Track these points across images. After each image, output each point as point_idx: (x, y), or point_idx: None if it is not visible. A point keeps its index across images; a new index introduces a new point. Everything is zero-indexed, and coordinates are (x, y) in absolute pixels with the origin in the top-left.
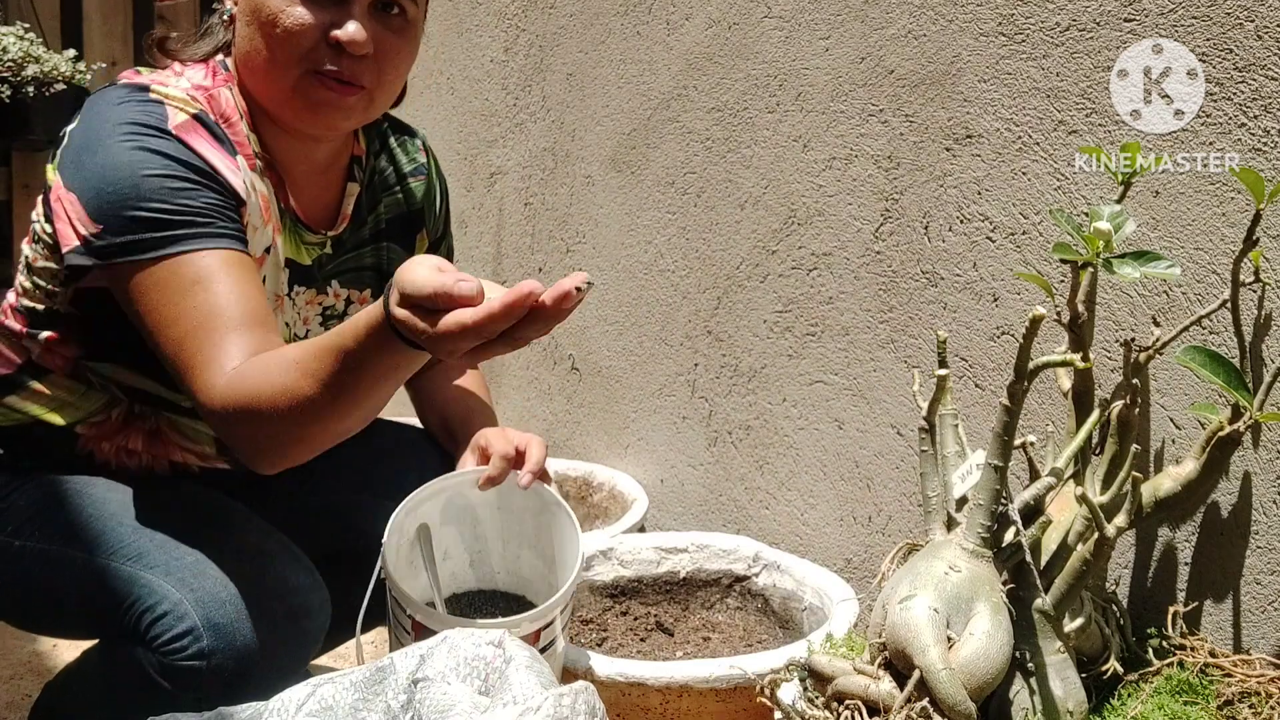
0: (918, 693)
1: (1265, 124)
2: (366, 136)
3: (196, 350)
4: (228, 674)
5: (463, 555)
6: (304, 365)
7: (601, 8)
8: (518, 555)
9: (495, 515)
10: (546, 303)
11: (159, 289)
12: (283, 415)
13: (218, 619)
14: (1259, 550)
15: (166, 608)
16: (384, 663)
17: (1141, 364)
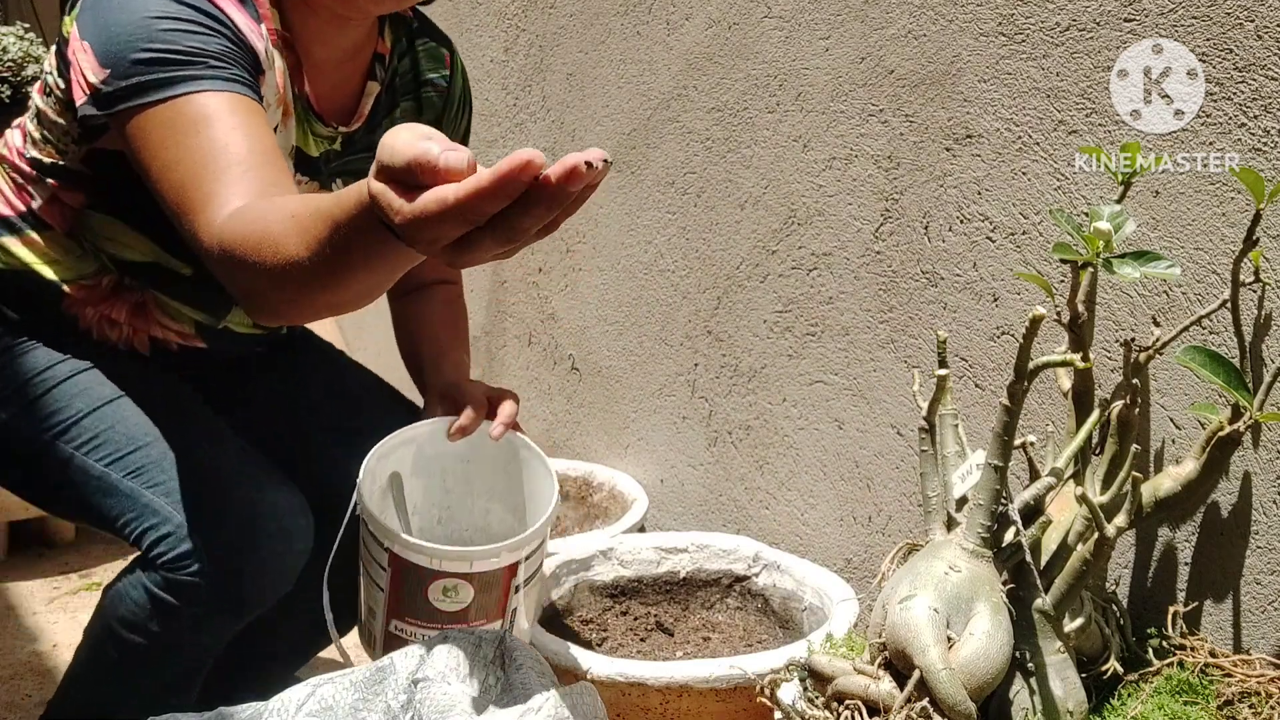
0: (918, 693)
1: (1265, 124)
2: (394, 34)
3: (197, 189)
4: (224, 591)
5: (430, 511)
6: (299, 222)
7: (601, 8)
8: (487, 510)
9: (464, 468)
10: (551, 178)
11: (162, 130)
12: (270, 270)
13: (215, 541)
14: (1259, 550)
15: (169, 529)
16: (384, 663)
17: (1141, 364)
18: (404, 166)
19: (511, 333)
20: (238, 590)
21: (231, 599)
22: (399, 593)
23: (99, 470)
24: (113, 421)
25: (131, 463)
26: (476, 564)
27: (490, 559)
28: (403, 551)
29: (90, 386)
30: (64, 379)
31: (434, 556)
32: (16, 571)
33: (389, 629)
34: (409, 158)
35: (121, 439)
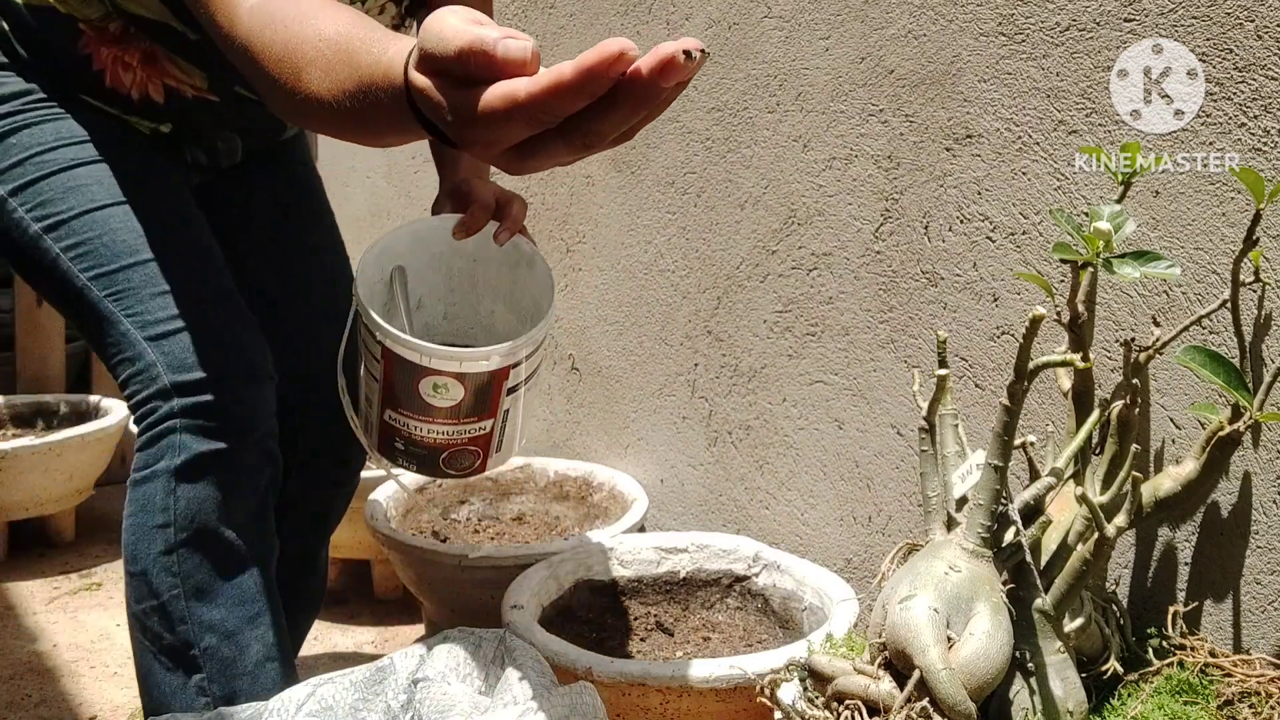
0: (918, 693)
1: (1265, 124)
2: None
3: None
4: (197, 430)
5: (436, 306)
6: (326, 58)
7: (601, 8)
8: (491, 310)
9: (470, 267)
10: (642, 71)
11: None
12: (290, 92)
13: (185, 381)
14: (1259, 550)
15: (140, 367)
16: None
17: (1141, 364)
18: (454, 56)
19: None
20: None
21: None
22: (391, 385)
23: (81, 282)
24: (102, 230)
25: (114, 282)
26: (466, 365)
27: (480, 361)
28: (394, 346)
29: (87, 184)
30: (63, 167)
31: (424, 354)
32: (16, 571)
33: (384, 418)
34: (460, 45)
35: (107, 252)
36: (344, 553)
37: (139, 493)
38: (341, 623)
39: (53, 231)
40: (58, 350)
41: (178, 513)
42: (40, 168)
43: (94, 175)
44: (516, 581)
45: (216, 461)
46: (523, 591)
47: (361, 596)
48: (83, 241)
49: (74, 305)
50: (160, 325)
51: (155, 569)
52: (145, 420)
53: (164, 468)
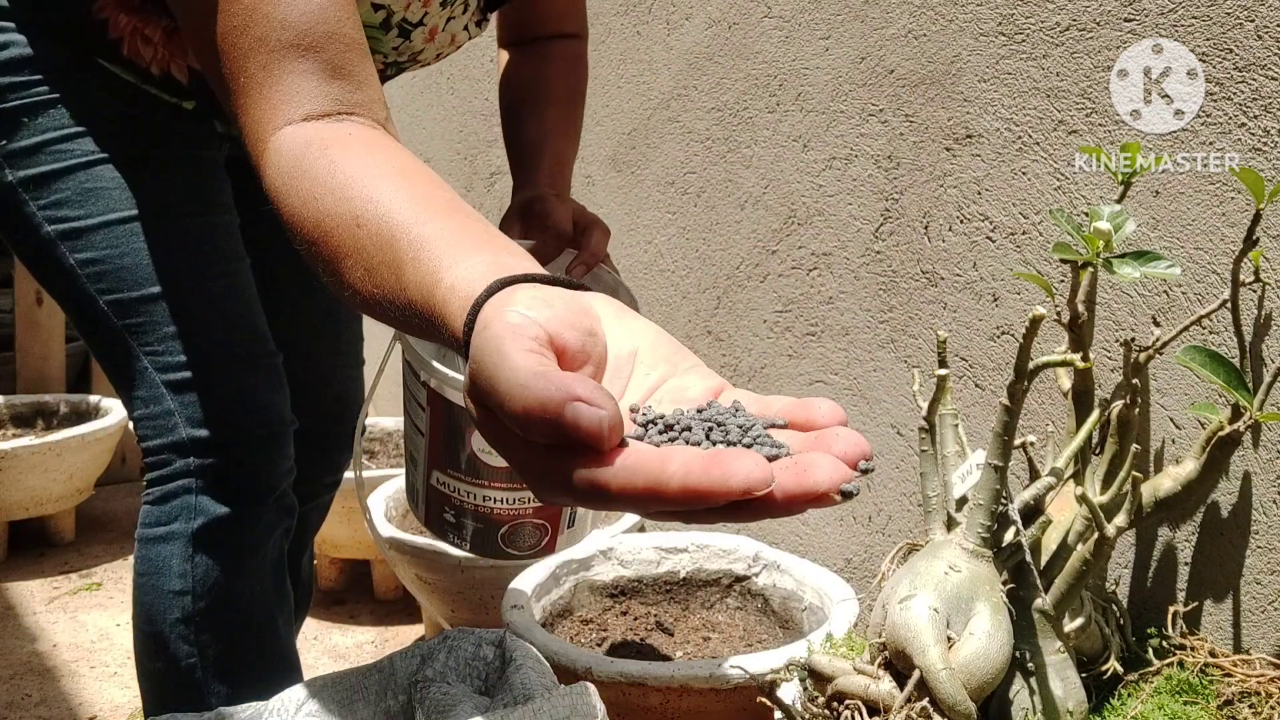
0: (918, 693)
1: (1265, 124)
2: None
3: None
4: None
5: None
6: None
7: (601, 8)
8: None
9: None
10: (777, 497)
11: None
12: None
13: (205, 440)
14: (1259, 550)
15: (156, 411)
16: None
17: (1141, 364)
18: (519, 416)
19: None
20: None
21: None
22: (438, 438)
23: (98, 305)
24: (124, 248)
25: (133, 312)
26: None
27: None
28: (440, 387)
29: (109, 188)
30: (82, 162)
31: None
32: (16, 571)
33: (430, 482)
34: (525, 409)
35: (128, 276)
36: (344, 553)
37: (153, 552)
38: (341, 623)
39: (68, 240)
40: (58, 350)
41: (196, 580)
42: (57, 158)
43: (118, 178)
44: (516, 581)
45: (236, 526)
46: (523, 591)
47: (361, 596)
48: (101, 259)
49: (90, 324)
50: (181, 371)
51: (172, 635)
52: (158, 470)
53: (180, 530)
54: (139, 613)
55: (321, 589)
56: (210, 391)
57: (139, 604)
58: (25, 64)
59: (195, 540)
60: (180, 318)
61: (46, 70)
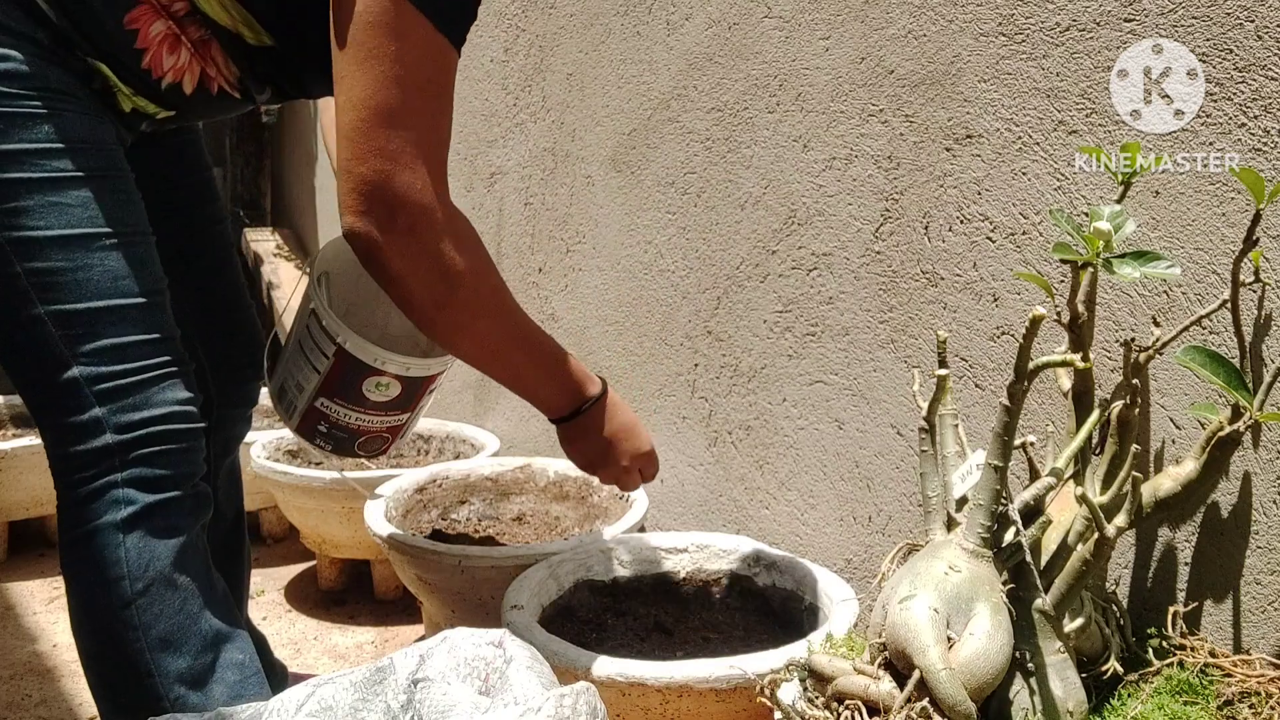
0: (918, 693)
1: (1265, 124)
2: None
3: (426, 139)
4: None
5: (340, 305)
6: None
7: (601, 8)
8: (388, 313)
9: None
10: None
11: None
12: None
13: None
14: (1259, 550)
15: (81, 421)
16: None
17: (1141, 364)
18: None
19: None
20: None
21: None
22: (335, 379)
23: (37, 312)
24: (80, 263)
25: (75, 324)
26: (413, 369)
27: (424, 369)
28: (353, 348)
29: (73, 206)
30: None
31: (379, 358)
32: (16, 571)
33: (314, 404)
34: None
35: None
36: (344, 553)
37: (83, 550)
38: (341, 623)
39: (21, 248)
40: None
41: (130, 564)
42: (29, 168)
43: (82, 198)
44: (516, 581)
45: (161, 509)
46: (523, 591)
47: (361, 596)
48: (54, 270)
49: (14, 328)
50: (113, 380)
51: (114, 625)
52: (79, 473)
53: (107, 522)
54: (79, 616)
55: (321, 589)
56: (139, 390)
57: (78, 606)
58: (21, 78)
59: (125, 527)
60: (118, 332)
61: (38, 89)
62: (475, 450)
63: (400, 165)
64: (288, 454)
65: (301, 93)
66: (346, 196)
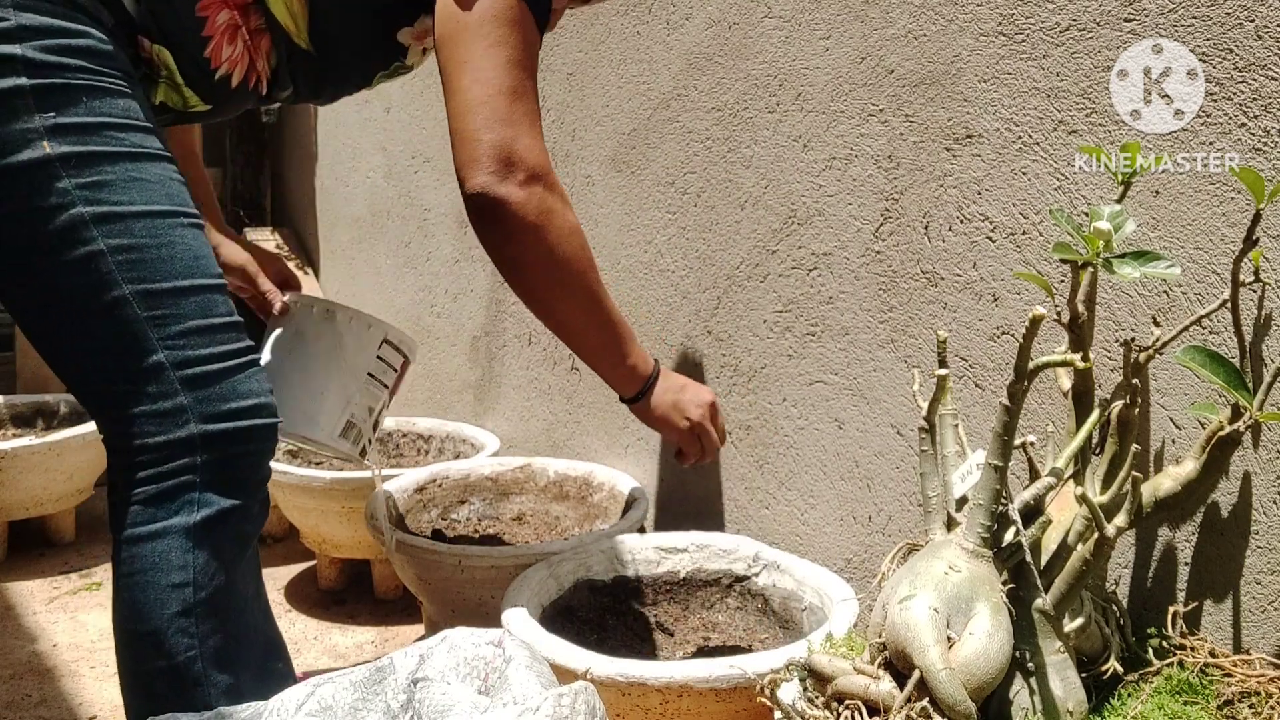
0: (918, 693)
1: (1265, 124)
2: None
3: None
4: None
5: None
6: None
7: (601, 7)
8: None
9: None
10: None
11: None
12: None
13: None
14: (1259, 550)
15: (166, 408)
16: (384, 663)
17: (1141, 364)
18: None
19: (511, 332)
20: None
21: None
22: (396, 388)
23: (122, 291)
24: (163, 240)
25: (160, 304)
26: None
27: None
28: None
29: (151, 182)
30: (131, 153)
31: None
32: (16, 571)
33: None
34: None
35: (164, 267)
36: (344, 553)
37: (148, 549)
38: (341, 623)
39: (105, 223)
40: None
41: (198, 571)
42: (108, 142)
43: (159, 174)
44: (516, 581)
45: (234, 516)
46: (523, 591)
47: (361, 596)
48: (138, 246)
49: (91, 313)
50: (200, 365)
51: (170, 630)
52: (155, 467)
53: (180, 524)
54: (129, 613)
55: (321, 589)
56: (225, 383)
57: (129, 604)
58: (100, 55)
59: (196, 532)
60: (204, 312)
61: (112, 67)
62: (475, 450)
63: (521, 132)
64: (288, 454)
65: (314, 96)
66: (476, 160)
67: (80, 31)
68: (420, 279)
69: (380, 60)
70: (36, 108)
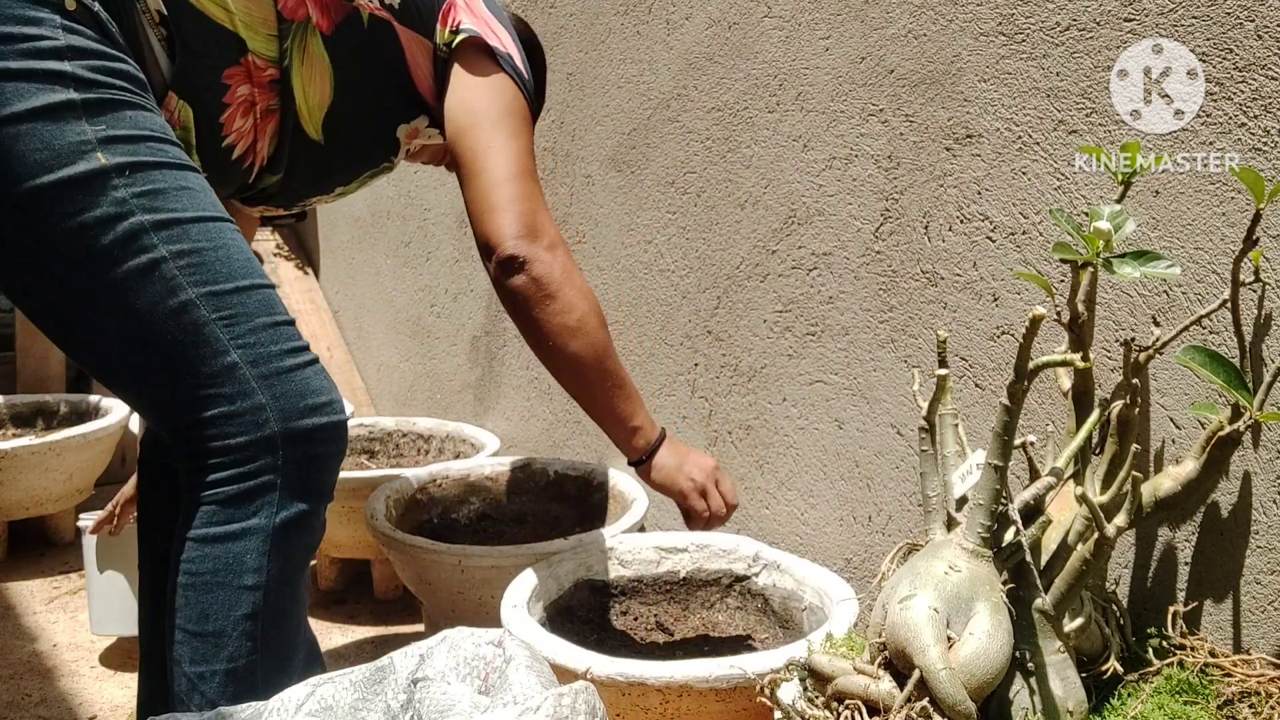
0: (918, 692)
1: (1265, 124)
2: None
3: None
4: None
5: None
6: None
7: (601, 7)
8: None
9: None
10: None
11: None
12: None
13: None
14: (1259, 550)
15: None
16: (384, 663)
17: (1141, 364)
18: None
19: (511, 332)
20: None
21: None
22: None
23: (188, 295)
24: (218, 243)
25: (227, 304)
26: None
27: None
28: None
29: (198, 190)
30: (176, 164)
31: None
32: (16, 571)
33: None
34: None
35: (223, 268)
36: (344, 553)
37: (221, 550)
38: (341, 623)
39: (164, 230)
40: (58, 350)
41: (271, 575)
42: (155, 153)
43: (201, 184)
44: (516, 581)
45: (309, 521)
46: (523, 591)
47: (361, 596)
48: (197, 250)
49: (159, 319)
50: (273, 361)
51: (235, 633)
52: (236, 468)
53: (260, 525)
54: (194, 614)
55: (321, 589)
56: (300, 381)
57: (193, 603)
58: (137, 81)
59: (276, 534)
60: (267, 310)
61: (150, 94)
62: (475, 450)
63: (539, 206)
64: None
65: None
66: (507, 229)
67: (120, 58)
68: (420, 279)
69: (377, 156)
70: (88, 121)
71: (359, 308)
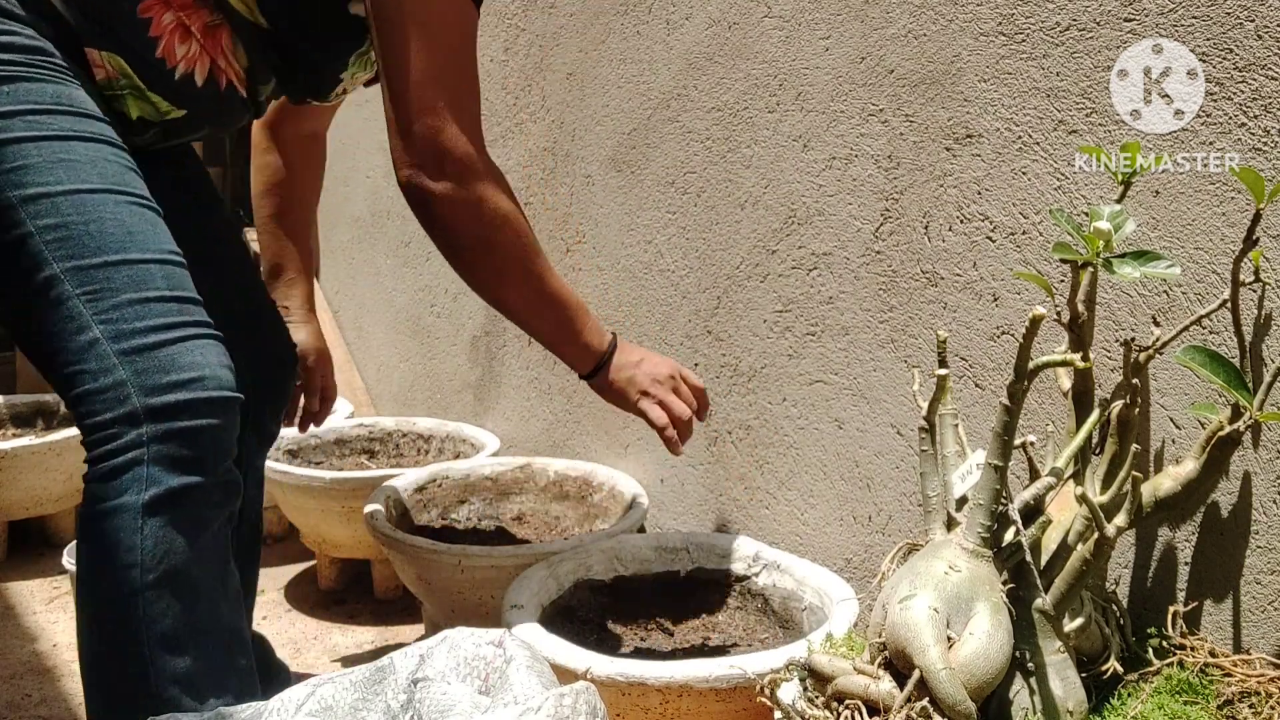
0: (918, 692)
1: (1265, 124)
2: None
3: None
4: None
5: None
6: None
7: (601, 7)
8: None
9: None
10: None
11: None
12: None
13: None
14: (1259, 550)
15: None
16: (384, 663)
17: (1141, 364)
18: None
19: (511, 332)
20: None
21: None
22: None
23: (53, 270)
24: (90, 216)
25: (91, 279)
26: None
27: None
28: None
29: (80, 161)
30: (58, 135)
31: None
32: (16, 571)
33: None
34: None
35: (91, 243)
36: (344, 552)
37: (97, 529)
38: (341, 623)
39: (32, 204)
40: None
41: (145, 553)
42: (32, 127)
43: (90, 154)
44: (516, 581)
45: (187, 496)
46: (523, 591)
47: (361, 596)
48: (65, 224)
49: (30, 296)
50: (136, 338)
51: (116, 612)
52: (104, 446)
53: (130, 502)
54: (81, 598)
55: (321, 589)
56: (164, 355)
57: (81, 587)
58: (29, 50)
59: (145, 511)
60: (139, 285)
61: (42, 59)
62: (475, 450)
63: (447, 121)
64: (288, 454)
65: (295, 83)
66: (403, 153)
67: (10, 30)
68: (420, 278)
69: (347, 36)
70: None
71: (359, 307)
